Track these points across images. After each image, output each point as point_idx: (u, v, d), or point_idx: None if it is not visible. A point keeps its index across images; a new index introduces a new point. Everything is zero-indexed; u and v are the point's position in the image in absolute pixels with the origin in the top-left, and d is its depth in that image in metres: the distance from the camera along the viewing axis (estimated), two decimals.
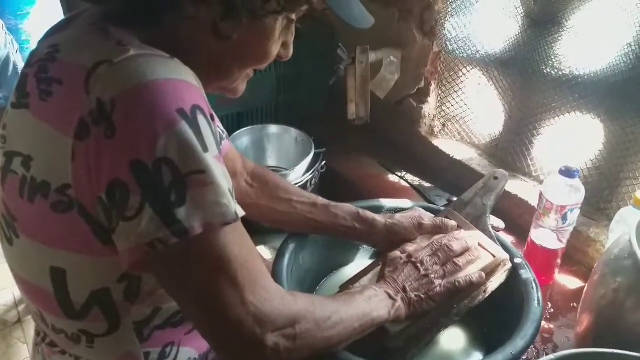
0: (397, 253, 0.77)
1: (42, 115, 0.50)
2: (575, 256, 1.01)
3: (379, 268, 0.79)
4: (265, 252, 1.25)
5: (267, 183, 0.86)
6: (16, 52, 1.60)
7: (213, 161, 0.48)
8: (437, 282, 0.72)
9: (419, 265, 0.73)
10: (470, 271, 0.75)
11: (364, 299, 0.66)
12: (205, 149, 0.47)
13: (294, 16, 0.59)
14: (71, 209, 0.49)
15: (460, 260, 0.74)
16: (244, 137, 1.34)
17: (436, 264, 0.74)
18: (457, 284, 0.72)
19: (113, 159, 0.45)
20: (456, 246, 0.76)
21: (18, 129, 0.53)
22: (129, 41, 0.50)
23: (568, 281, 0.97)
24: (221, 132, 0.83)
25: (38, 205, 0.50)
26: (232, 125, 1.40)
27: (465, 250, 0.76)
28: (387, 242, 0.83)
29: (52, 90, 0.49)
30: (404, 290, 0.70)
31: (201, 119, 0.48)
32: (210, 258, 0.48)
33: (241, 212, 0.51)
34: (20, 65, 1.51)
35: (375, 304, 0.66)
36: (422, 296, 0.71)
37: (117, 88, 0.46)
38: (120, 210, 0.46)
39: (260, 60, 0.60)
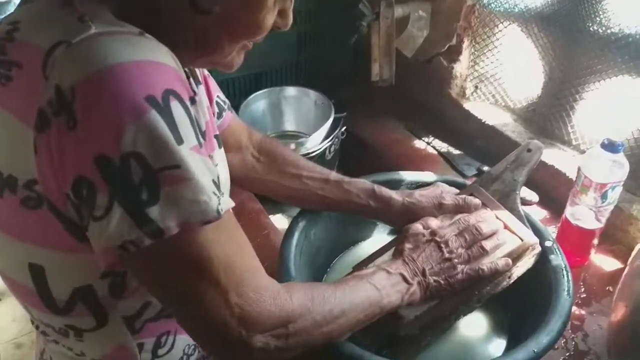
0: (419, 227, 0.70)
1: (4, 103, 0.45)
2: (615, 234, 0.93)
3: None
4: (283, 221, 1.21)
5: (275, 157, 0.81)
6: None
7: (190, 153, 0.42)
8: (460, 267, 0.66)
9: (442, 245, 0.67)
10: (496, 256, 0.69)
11: (374, 284, 0.61)
12: (180, 141, 0.42)
13: None
14: (41, 205, 0.45)
15: (488, 244, 0.68)
16: (260, 100, 1.28)
17: (462, 246, 0.68)
18: (480, 271, 0.66)
19: (76, 153, 0.41)
20: (485, 228, 0.69)
21: None
22: (93, 15, 0.44)
23: (605, 262, 0.90)
24: (222, 103, 0.77)
25: (7, 200, 0.46)
26: (249, 86, 1.33)
27: (494, 232, 0.70)
28: (404, 221, 0.77)
29: (12, 74, 0.45)
30: (423, 273, 0.65)
31: (175, 106, 0.42)
32: (189, 259, 0.44)
33: (228, 206, 0.46)
34: None
35: (387, 289, 0.61)
36: (442, 282, 0.65)
37: (76, 73, 0.40)
38: (88, 208, 0.42)
39: (252, 33, 0.53)
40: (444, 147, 1.21)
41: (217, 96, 0.76)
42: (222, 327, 0.46)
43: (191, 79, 0.63)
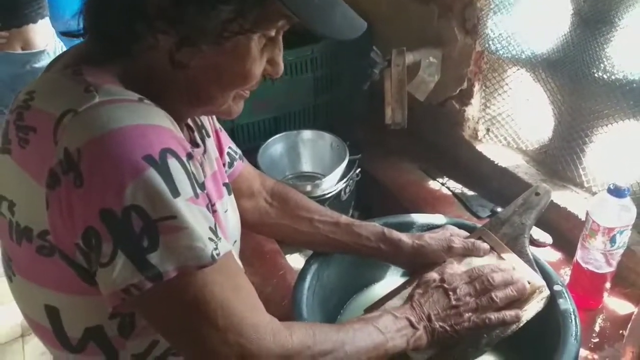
0: (433, 275, 0.73)
1: (22, 163, 0.51)
2: (629, 277, 0.92)
3: (408, 290, 0.76)
4: (300, 260, 1.23)
5: (287, 201, 0.84)
6: None
7: (185, 204, 0.47)
8: (467, 315, 0.67)
9: (450, 293, 0.69)
10: (518, 316, 0.69)
11: (379, 327, 0.63)
12: (176, 193, 0.47)
13: (272, 33, 0.55)
14: (53, 253, 0.50)
15: (499, 295, 0.69)
16: (279, 143, 1.33)
17: (470, 295, 0.69)
18: (487, 320, 0.67)
19: (84, 207, 0.46)
20: (498, 279, 0.70)
21: (4, 173, 0.54)
22: (97, 86, 0.49)
23: (619, 305, 0.89)
24: (233, 153, 0.81)
25: (25, 248, 0.51)
26: (268, 129, 1.39)
27: (508, 284, 0.70)
28: (414, 264, 0.79)
29: (29, 138, 0.50)
30: (429, 318, 0.67)
31: (172, 162, 0.47)
32: (187, 301, 0.48)
33: (224, 250, 0.50)
34: None
35: (392, 333, 0.63)
36: (448, 328, 0.67)
37: (82, 137, 0.46)
38: (96, 255, 0.47)
39: (241, 82, 0.57)
40: (458, 188, 1.23)
41: (229, 147, 0.81)
42: None
43: (196, 133, 0.68)
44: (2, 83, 1.57)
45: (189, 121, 0.68)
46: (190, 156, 0.51)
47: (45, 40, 1.64)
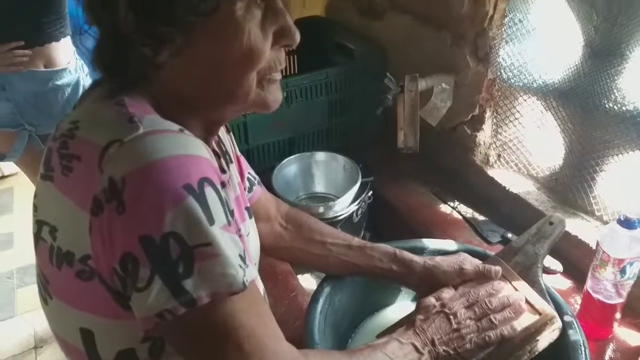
0: (431, 300, 0.74)
1: (64, 190, 0.53)
2: (639, 307, 0.92)
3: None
4: (311, 281, 1.25)
5: (301, 225, 0.87)
6: (86, 75, 1.71)
7: (220, 232, 0.49)
8: (468, 337, 0.69)
9: (451, 317, 0.71)
10: (514, 328, 0.71)
11: (387, 353, 0.64)
12: (212, 222, 0.48)
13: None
14: (93, 278, 0.52)
15: (497, 317, 0.71)
16: (292, 164, 1.35)
17: (470, 318, 0.71)
18: (487, 338, 0.69)
19: (124, 234, 0.47)
20: (495, 302, 0.72)
21: (45, 199, 0.56)
22: (141, 116, 0.52)
23: (629, 336, 0.89)
24: (252, 179, 0.84)
25: (64, 272, 0.53)
26: (283, 150, 1.41)
27: (505, 306, 0.72)
28: (425, 285, 0.81)
29: (72, 165, 0.52)
30: (432, 343, 0.68)
31: (209, 191, 0.49)
32: (217, 326, 0.50)
33: (251, 278, 0.52)
34: None
35: (399, 358, 0.65)
36: (451, 352, 0.68)
37: (127, 167, 0.48)
38: (133, 280, 0.48)
39: (249, 62, 0.55)
40: (469, 212, 1.24)
41: (249, 173, 0.83)
42: None
43: (222, 160, 0.70)
44: (24, 100, 1.62)
45: (215, 147, 0.70)
46: (223, 184, 0.53)
47: (67, 58, 1.68)
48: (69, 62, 1.66)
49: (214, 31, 0.53)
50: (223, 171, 0.68)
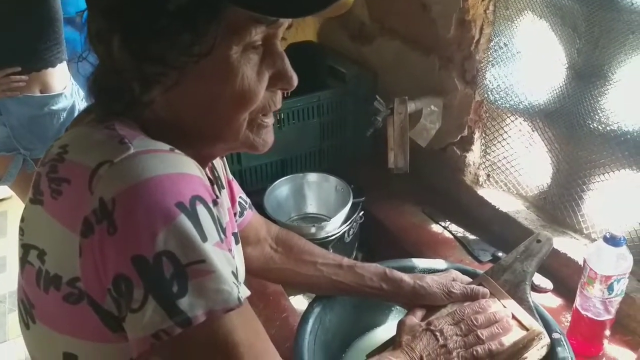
0: (413, 320, 0.75)
1: (54, 213, 0.52)
2: (629, 325, 0.93)
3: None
4: (303, 302, 1.24)
5: (291, 247, 0.87)
6: (82, 100, 1.73)
7: (213, 249, 0.49)
8: (455, 352, 0.69)
9: (437, 334, 0.71)
10: (502, 344, 0.71)
11: None
12: (205, 239, 0.48)
13: (257, 41, 0.54)
14: (81, 300, 0.51)
15: (484, 333, 0.71)
16: (284, 185, 1.36)
17: (457, 334, 0.71)
18: (474, 352, 0.69)
19: (116, 254, 0.47)
20: (481, 319, 0.73)
21: (34, 223, 0.55)
22: (131, 137, 0.51)
23: (619, 353, 0.90)
24: (244, 202, 0.85)
25: (52, 295, 0.52)
26: (275, 172, 1.43)
27: (492, 322, 0.73)
28: (414, 304, 0.81)
29: (62, 189, 0.52)
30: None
31: (201, 209, 0.49)
32: (216, 344, 0.49)
33: (245, 294, 0.52)
34: None
35: None
36: None
37: (117, 187, 0.47)
38: (127, 301, 0.48)
39: (240, 105, 0.55)
40: (459, 231, 1.25)
41: (240, 197, 0.84)
42: None
43: (214, 185, 0.70)
44: (20, 124, 1.63)
45: (208, 173, 0.70)
46: (215, 202, 0.53)
47: (63, 83, 1.70)
48: (65, 87, 1.68)
49: (207, 72, 0.53)
50: (216, 196, 0.69)
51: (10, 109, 1.63)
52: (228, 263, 0.50)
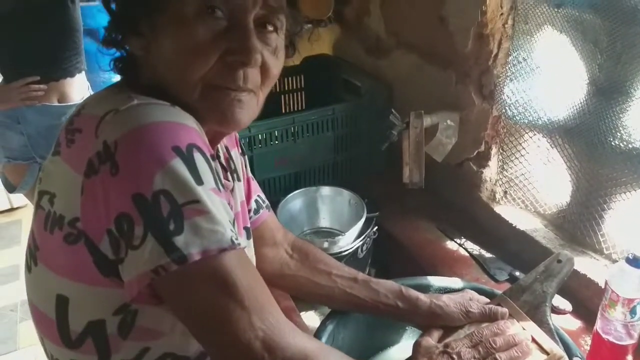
0: (430, 341, 0.73)
1: (67, 159, 0.56)
2: None
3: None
4: (315, 318, 1.23)
5: (307, 255, 0.87)
6: None
7: (208, 193, 0.51)
8: None
9: (455, 357, 0.68)
10: None
11: None
12: (200, 182, 0.51)
13: (218, 12, 0.58)
14: (79, 240, 0.53)
15: (503, 357, 0.69)
16: (298, 198, 1.35)
17: (474, 357, 0.69)
18: None
19: (118, 194, 0.50)
20: (499, 342, 0.70)
21: (50, 171, 0.59)
22: (138, 95, 0.55)
23: None
24: (261, 201, 0.86)
25: (55, 236, 0.55)
26: (288, 184, 1.42)
27: (511, 345, 0.70)
28: (430, 324, 0.79)
29: (75, 138, 0.56)
30: None
31: (197, 156, 0.52)
32: (214, 282, 0.51)
33: (240, 242, 0.53)
34: None
35: None
36: None
37: (119, 131, 0.51)
38: (128, 240, 0.50)
39: (187, 58, 0.58)
40: (475, 249, 1.23)
41: (258, 195, 0.86)
42: (246, 349, 0.50)
43: (228, 173, 0.73)
44: (37, 133, 1.65)
45: (224, 161, 0.74)
46: (213, 158, 0.55)
47: (81, 93, 1.73)
48: (83, 97, 1.70)
49: (167, 30, 0.58)
50: (227, 179, 0.72)
51: (29, 117, 1.65)
52: (225, 210, 0.53)
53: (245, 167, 0.84)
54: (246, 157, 0.86)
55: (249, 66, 0.59)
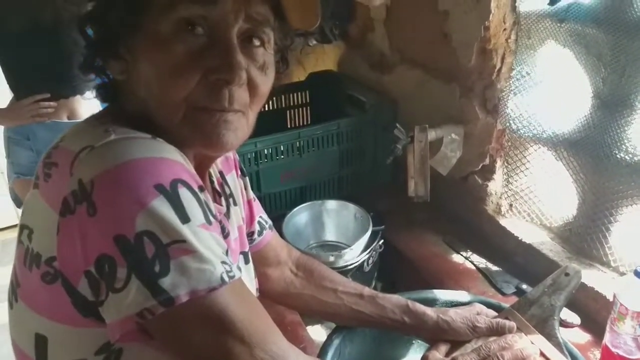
0: (437, 355, 0.72)
1: (44, 195, 0.54)
2: None
3: None
4: (321, 332, 1.22)
5: (312, 272, 0.87)
6: None
7: (195, 230, 0.49)
8: None
9: None
10: None
11: None
12: (186, 220, 0.49)
13: (198, 28, 0.55)
14: (55, 280, 0.52)
15: None
16: (303, 212, 1.35)
17: None
18: None
19: (98, 235, 0.48)
20: (507, 356, 0.69)
21: (31, 205, 0.57)
22: (116, 128, 0.53)
23: None
24: (264, 222, 0.85)
25: (34, 274, 0.54)
26: (294, 198, 1.42)
27: (519, 359, 0.70)
28: (437, 339, 0.79)
29: (51, 172, 0.53)
30: None
31: (183, 192, 0.50)
32: (207, 321, 0.49)
33: (236, 275, 0.52)
34: None
35: None
36: None
37: (95, 170, 0.48)
38: (109, 282, 0.48)
39: (168, 81, 0.55)
40: (482, 262, 1.22)
41: (260, 216, 0.84)
42: None
43: (222, 199, 0.71)
44: (46, 149, 1.67)
45: (217, 186, 0.72)
46: (202, 189, 0.53)
47: (91, 111, 1.74)
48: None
49: (146, 51, 0.55)
50: (220, 204, 0.70)
51: (38, 134, 1.67)
52: (217, 244, 0.51)
53: (246, 189, 0.82)
54: (247, 178, 0.83)
55: (234, 84, 0.56)
